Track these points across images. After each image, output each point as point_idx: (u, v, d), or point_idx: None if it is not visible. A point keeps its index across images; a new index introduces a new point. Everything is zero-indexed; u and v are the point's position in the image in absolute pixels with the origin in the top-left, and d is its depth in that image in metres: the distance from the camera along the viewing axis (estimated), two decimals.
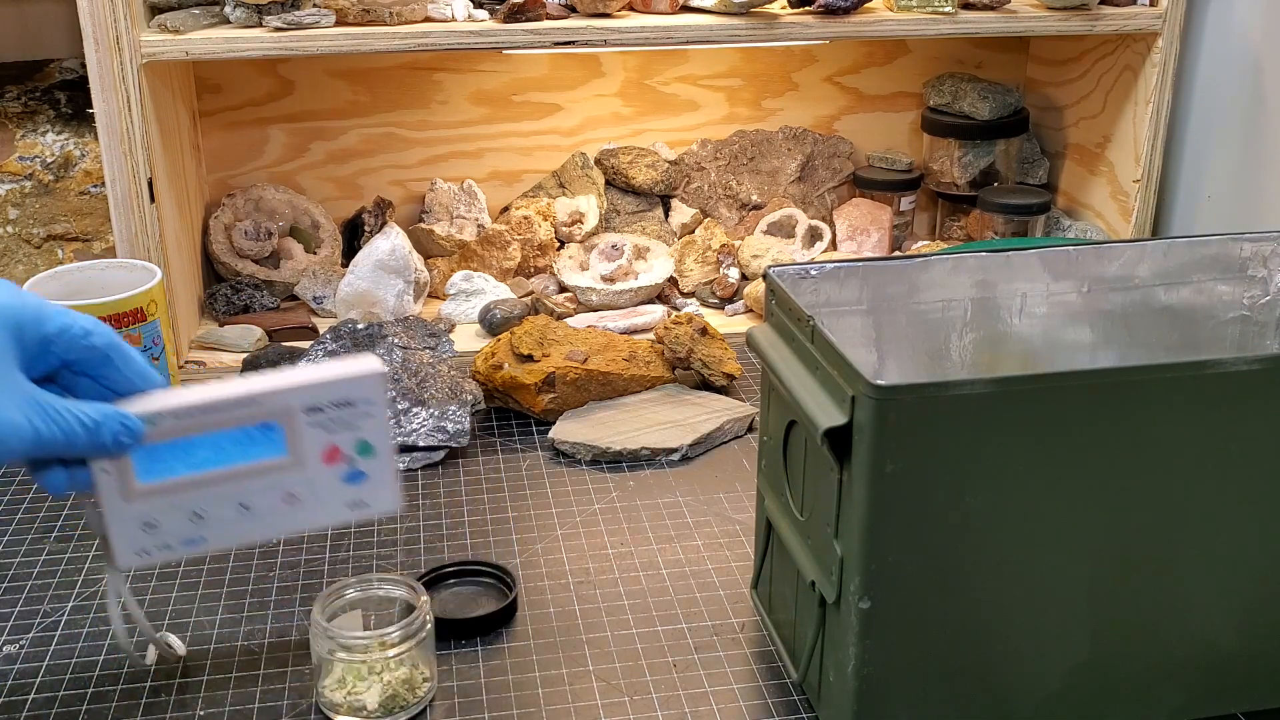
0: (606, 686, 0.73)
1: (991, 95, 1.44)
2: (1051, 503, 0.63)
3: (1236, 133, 1.28)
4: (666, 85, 1.46)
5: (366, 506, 0.68)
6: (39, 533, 0.89)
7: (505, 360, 1.04)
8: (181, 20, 1.11)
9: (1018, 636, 0.65)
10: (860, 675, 0.64)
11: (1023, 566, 0.64)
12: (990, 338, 0.79)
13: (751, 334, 0.73)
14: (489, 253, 1.34)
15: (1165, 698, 0.69)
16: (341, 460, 0.67)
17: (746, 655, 0.76)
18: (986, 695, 0.66)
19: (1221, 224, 1.30)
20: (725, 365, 1.08)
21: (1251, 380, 0.62)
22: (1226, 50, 1.28)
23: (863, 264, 0.76)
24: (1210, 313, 0.81)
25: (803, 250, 1.39)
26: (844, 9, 1.20)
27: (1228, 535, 0.66)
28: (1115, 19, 1.25)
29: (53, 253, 1.23)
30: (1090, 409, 0.61)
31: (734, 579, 0.84)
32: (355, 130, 1.40)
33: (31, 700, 0.72)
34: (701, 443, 1.01)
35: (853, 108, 1.52)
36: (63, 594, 0.82)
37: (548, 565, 0.86)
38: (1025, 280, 0.78)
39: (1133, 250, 0.80)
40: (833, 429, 0.61)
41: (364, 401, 0.66)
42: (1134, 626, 0.66)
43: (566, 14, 1.18)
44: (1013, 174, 1.48)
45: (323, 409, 0.65)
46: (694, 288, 1.35)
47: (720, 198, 1.46)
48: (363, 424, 0.66)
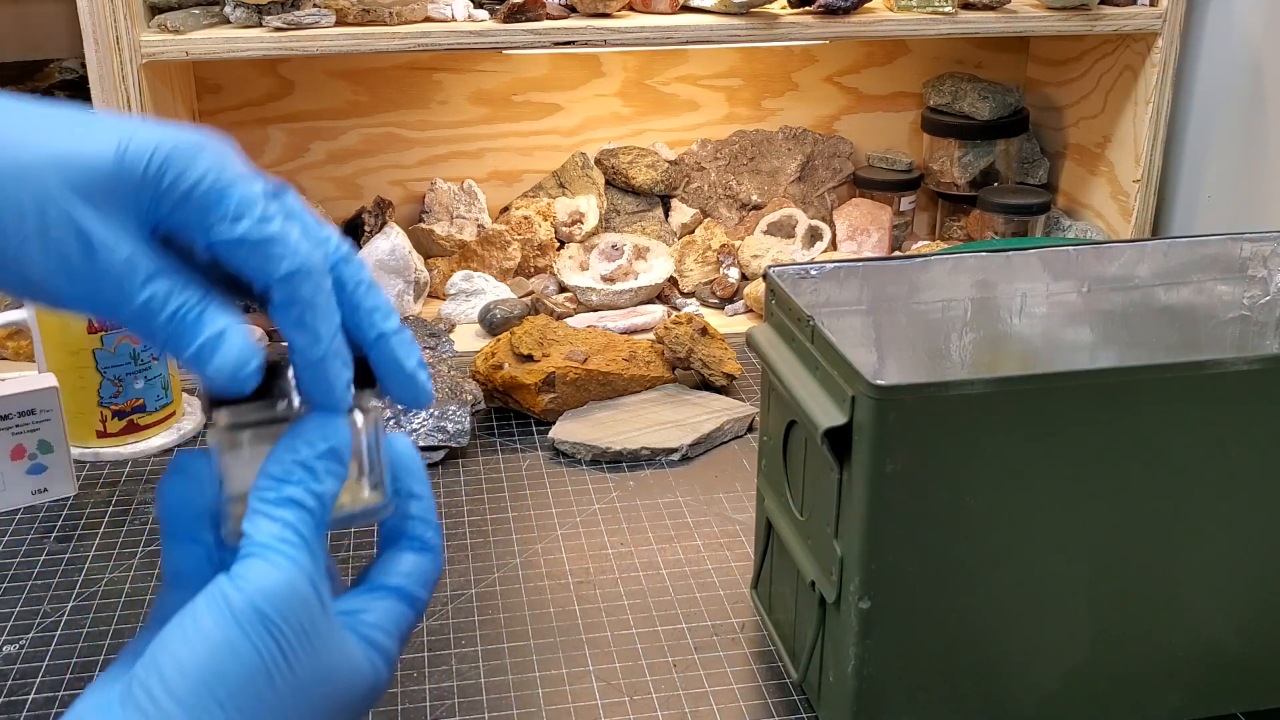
0: (606, 686, 0.73)
1: (991, 95, 1.44)
2: (1051, 503, 0.63)
3: (1236, 133, 1.28)
4: (666, 85, 1.46)
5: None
6: (40, 533, 0.89)
7: (505, 360, 1.04)
8: (181, 20, 1.11)
9: (1018, 636, 0.65)
10: (860, 675, 0.64)
11: (1023, 566, 0.64)
12: (990, 338, 0.79)
13: (751, 334, 0.73)
14: (489, 253, 1.34)
15: (1165, 698, 0.69)
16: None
17: (746, 655, 0.76)
18: (986, 695, 0.66)
19: (1221, 224, 1.30)
20: (725, 365, 1.08)
21: (1251, 380, 0.62)
22: (1226, 50, 1.28)
23: (863, 264, 0.76)
24: (1210, 313, 0.81)
25: (803, 250, 1.39)
26: (844, 9, 1.20)
27: (1228, 535, 0.66)
28: (1115, 19, 1.25)
29: None
30: (1090, 409, 0.61)
31: (734, 579, 0.84)
32: (355, 130, 1.40)
33: (31, 700, 0.72)
34: (701, 443, 1.01)
35: (853, 108, 1.52)
36: (63, 594, 0.82)
37: (548, 565, 0.86)
38: (1025, 280, 0.78)
39: (1133, 250, 0.80)
40: (833, 429, 0.61)
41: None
42: (1134, 626, 0.66)
43: (566, 14, 1.18)
44: (1013, 174, 1.48)
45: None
46: (694, 288, 1.35)
47: (720, 198, 1.46)
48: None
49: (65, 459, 0.93)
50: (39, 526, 0.90)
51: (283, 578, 0.42)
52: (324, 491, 0.45)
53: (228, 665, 0.41)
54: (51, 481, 0.93)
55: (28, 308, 0.96)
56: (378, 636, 0.47)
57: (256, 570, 0.42)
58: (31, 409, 0.91)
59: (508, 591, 0.83)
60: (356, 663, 0.45)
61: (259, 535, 0.43)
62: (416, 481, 0.51)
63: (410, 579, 0.49)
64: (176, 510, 0.47)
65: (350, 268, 0.47)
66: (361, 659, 0.46)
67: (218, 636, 0.41)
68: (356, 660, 0.45)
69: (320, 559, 0.44)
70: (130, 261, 0.42)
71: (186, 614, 0.42)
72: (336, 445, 0.45)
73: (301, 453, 0.45)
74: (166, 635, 0.42)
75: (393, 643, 0.48)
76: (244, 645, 0.41)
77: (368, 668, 0.46)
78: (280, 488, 0.44)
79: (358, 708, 0.46)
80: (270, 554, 0.43)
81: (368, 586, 0.49)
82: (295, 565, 0.43)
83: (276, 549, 0.43)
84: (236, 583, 0.42)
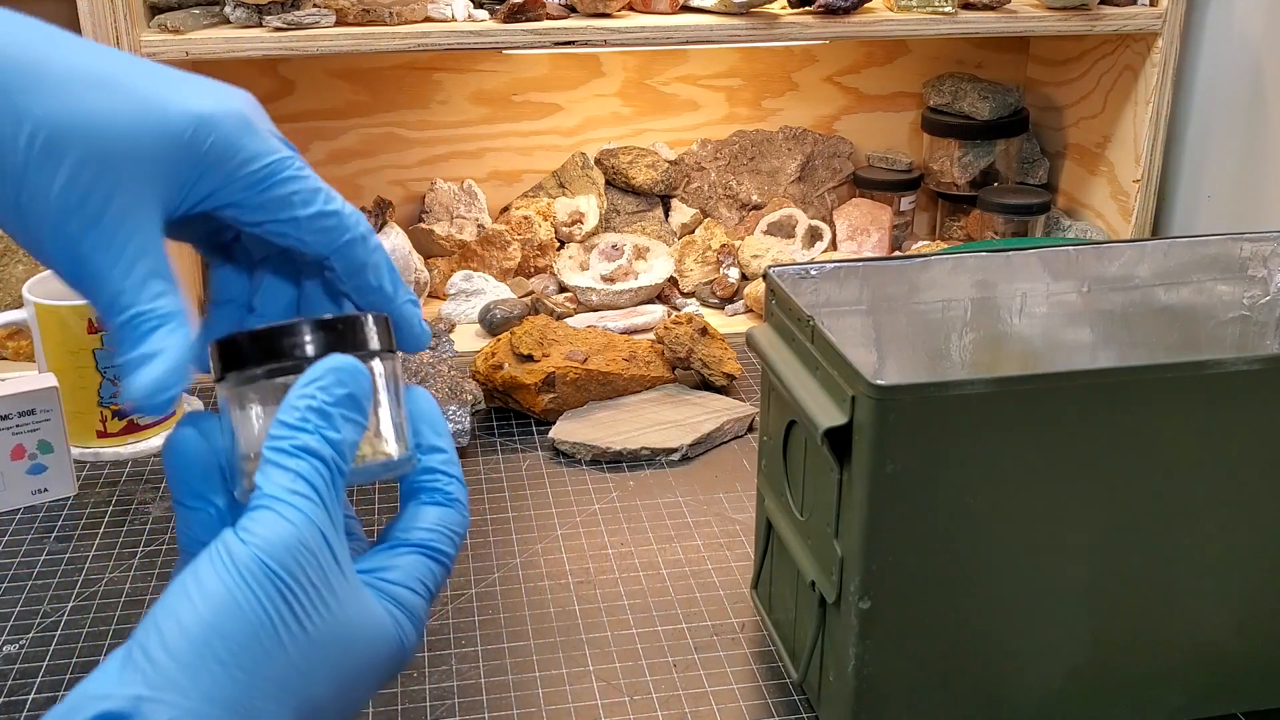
0: (606, 686, 0.73)
1: (991, 95, 1.44)
2: (1051, 503, 0.63)
3: (1237, 132, 1.28)
4: (666, 85, 1.46)
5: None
6: (40, 533, 0.89)
7: (505, 360, 1.04)
8: (181, 20, 1.11)
9: (1018, 636, 0.65)
10: (860, 675, 0.64)
11: (1023, 566, 0.64)
12: (990, 338, 0.79)
13: (751, 334, 0.73)
14: (489, 253, 1.34)
15: (1165, 698, 0.69)
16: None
17: (746, 655, 0.76)
18: (986, 695, 0.66)
19: (1222, 224, 1.30)
20: (725, 365, 1.08)
21: (1252, 380, 0.62)
22: (1227, 50, 1.28)
23: (863, 264, 0.76)
24: (1210, 313, 0.81)
25: (803, 250, 1.39)
26: (844, 9, 1.20)
27: (1228, 535, 0.65)
28: (1115, 19, 1.25)
29: None
30: (1090, 409, 0.61)
31: (734, 579, 0.84)
32: (355, 130, 1.40)
33: (31, 700, 0.72)
34: (701, 443, 1.01)
35: (853, 108, 1.52)
36: (63, 594, 0.82)
37: (548, 565, 0.86)
38: (1025, 280, 0.78)
39: (1133, 250, 0.80)
40: (833, 429, 0.61)
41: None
42: (1134, 626, 0.66)
43: (566, 14, 1.18)
44: (1013, 174, 1.48)
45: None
46: (694, 288, 1.35)
47: (720, 198, 1.46)
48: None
49: (65, 459, 0.93)
50: (39, 526, 0.90)
51: (291, 530, 0.40)
52: (341, 440, 0.43)
53: (229, 622, 0.39)
54: (51, 481, 0.93)
55: (28, 307, 0.96)
56: (403, 594, 0.45)
57: (264, 522, 0.40)
58: (31, 409, 0.91)
59: (508, 591, 0.83)
60: (379, 622, 0.43)
61: (269, 486, 0.41)
62: (437, 435, 0.49)
63: (435, 533, 0.47)
64: (185, 469, 0.45)
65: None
66: (385, 618, 0.43)
67: (219, 592, 0.39)
68: (379, 619, 0.43)
69: (336, 512, 0.42)
70: (130, 245, 0.42)
71: (189, 571, 0.40)
72: (354, 391, 0.43)
73: (317, 399, 0.42)
74: (168, 594, 0.40)
75: (420, 600, 0.45)
76: (247, 600, 0.39)
77: (392, 627, 0.44)
78: (294, 435, 0.42)
79: (384, 669, 0.44)
80: (280, 505, 0.41)
81: (390, 543, 0.47)
82: (306, 517, 0.41)
83: (286, 500, 0.41)
84: (241, 535, 0.40)
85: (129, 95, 0.42)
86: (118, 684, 0.38)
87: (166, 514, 0.92)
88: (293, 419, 0.42)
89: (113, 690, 0.38)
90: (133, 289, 0.42)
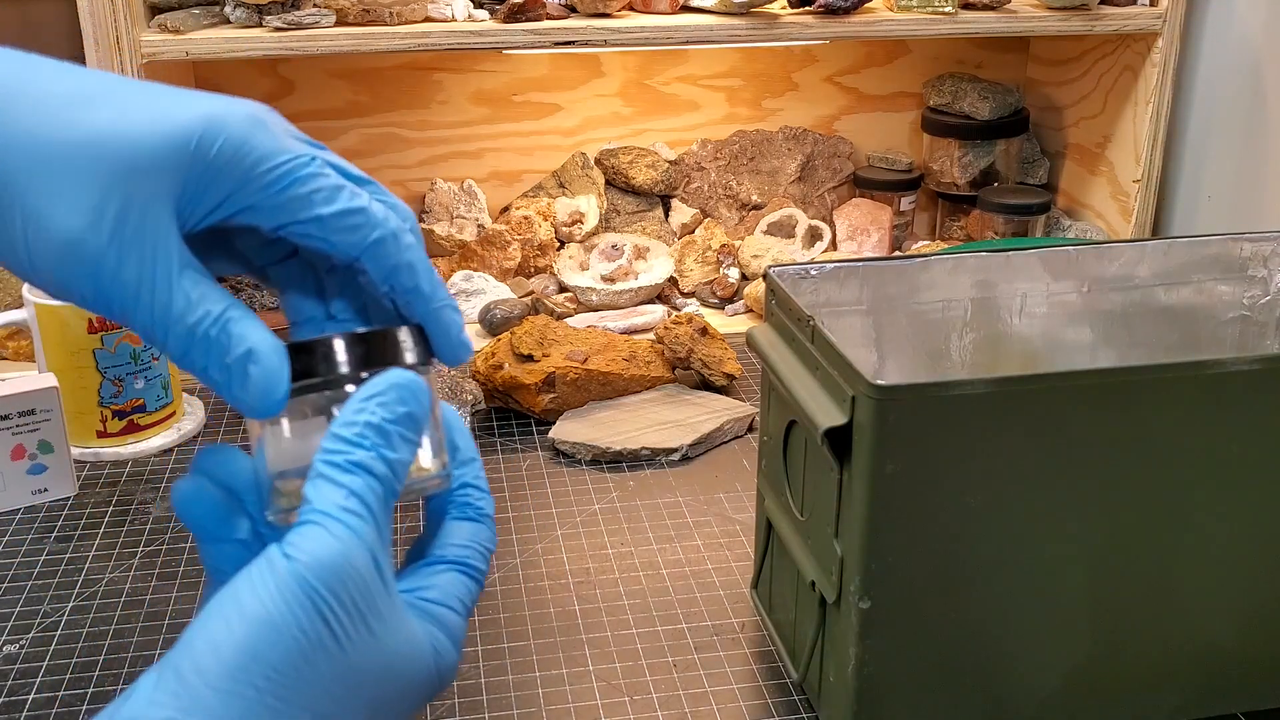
0: (606, 686, 0.73)
1: (992, 95, 1.44)
2: (1051, 503, 0.63)
3: (1237, 132, 1.28)
4: (666, 85, 1.46)
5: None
6: (40, 533, 0.89)
7: (505, 360, 1.04)
8: (181, 20, 1.11)
9: (1018, 636, 0.65)
10: (860, 675, 0.64)
11: (1023, 566, 0.64)
12: (990, 338, 0.79)
13: (751, 334, 0.73)
14: (489, 253, 1.34)
15: (1165, 698, 0.69)
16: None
17: (746, 655, 0.76)
18: (986, 695, 0.66)
19: (1222, 224, 1.30)
20: (725, 365, 1.08)
21: (1252, 380, 0.62)
22: (1227, 50, 1.28)
23: (863, 264, 0.76)
24: (1210, 313, 0.81)
25: (803, 250, 1.39)
26: (844, 9, 1.20)
27: (1228, 535, 0.65)
28: (1115, 19, 1.25)
29: None
30: (1090, 409, 0.61)
31: (734, 579, 0.84)
32: (355, 130, 1.40)
33: (32, 700, 0.72)
34: (701, 443, 1.01)
35: (853, 108, 1.52)
36: (63, 594, 0.82)
37: (548, 565, 0.86)
38: (1025, 280, 0.78)
39: (1133, 250, 0.80)
40: (833, 429, 0.61)
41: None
42: (1134, 626, 0.66)
43: (566, 14, 1.18)
44: (1013, 174, 1.48)
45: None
46: (694, 288, 1.35)
47: (720, 198, 1.46)
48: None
49: (65, 459, 0.93)
50: (39, 526, 0.90)
51: (339, 549, 0.38)
52: (397, 459, 0.40)
53: (267, 645, 0.37)
54: (51, 481, 0.93)
55: (28, 307, 0.96)
56: (443, 614, 0.43)
57: (312, 538, 0.38)
58: (31, 409, 0.91)
59: (508, 591, 0.83)
60: (420, 647, 0.41)
61: (319, 501, 0.39)
62: (466, 449, 0.48)
63: (470, 550, 0.46)
64: (199, 520, 0.43)
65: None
66: (425, 642, 0.41)
67: (258, 612, 0.37)
68: (419, 645, 0.41)
69: (386, 533, 0.40)
70: (164, 259, 0.39)
71: (228, 588, 0.38)
72: (414, 411, 0.41)
73: (377, 415, 0.40)
74: (206, 613, 0.38)
75: (459, 619, 0.44)
76: (286, 622, 0.37)
77: (430, 652, 0.42)
78: (350, 451, 0.40)
79: (421, 694, 0.42)
80: (330, 522, 0.38)
81: (425, 561, 0.45)
82: (356, 536, 0.38)
83: (337, 517, 0.38)
84: (287, 550, 0.38)
85: (124, 108, 0.39)
86: (148, 705, 0.36)
87: (166, 514, 0.92)
88: (350, 434, 0.40)
89: (143, 713, 0.36)
90: (187, 295, 0.39)
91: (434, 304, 0.45)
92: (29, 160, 0.38)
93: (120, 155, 0.38)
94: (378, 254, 0.43)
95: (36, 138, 0.38)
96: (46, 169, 0.38)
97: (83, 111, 0.39)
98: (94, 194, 0.38)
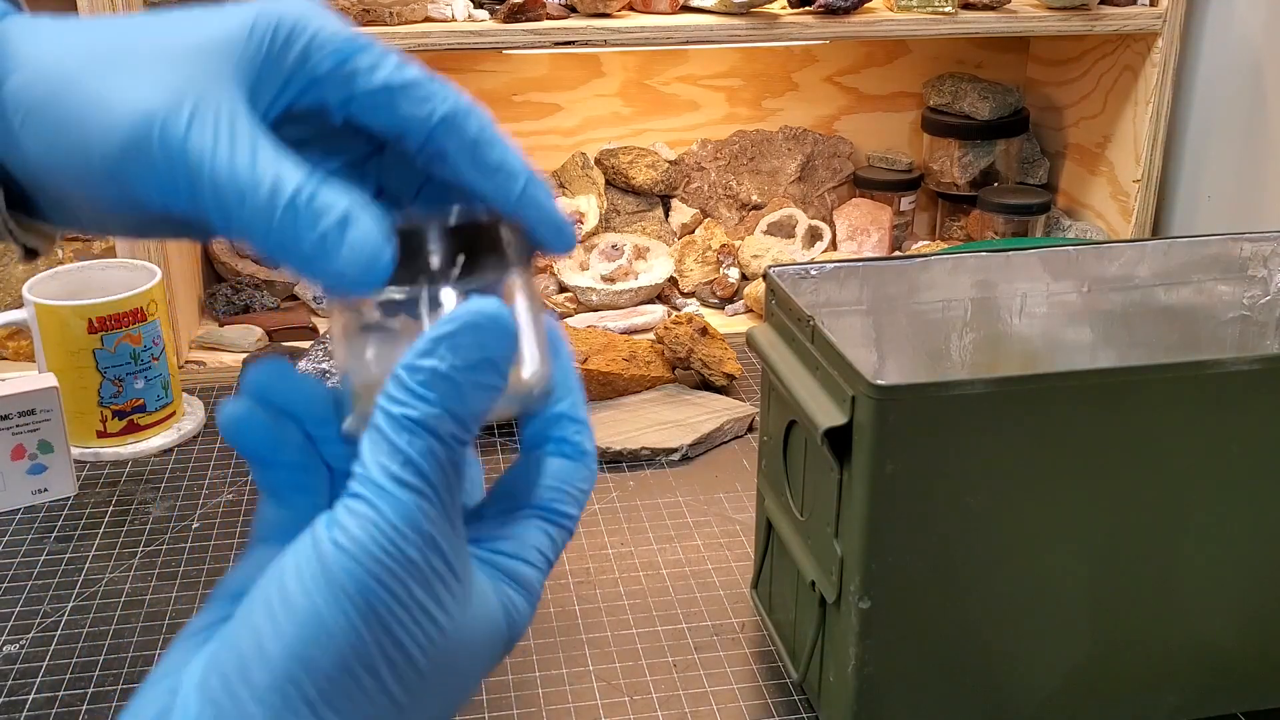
0: (606, 686, 0.73)
1: (992, 95, 1.44)
2: (1051, 503, 0.63)
3: (1236, 132, 1.28)
4: (666, 85, 1.46)
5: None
6: (40, 533, 0.89)
7: None
8: None
9: (1018, 636, 0.65)
10: (860, 675, 0.64)
11: (1023, 566, 0.64)
12: (990, 338, 0.79)
13: (751, 334, 0.73)
14: None
15: (1165, 698, 0.69)
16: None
17: (746, 655, 0.76)
18: (986, 695, 0.66)
19: (1221, 224, 1.30)
20: (725, 365, 1.08)
21: (1252, 380, 0.62)
22: (1226, 50, 1.28)
23: (863, 264, 0.76)
24: (1210, 313, 0.81)
25: (803, 250, 1.39)
26: (844, 9, 1.20)
27: (1228, 535, 0.65)
28: (1115, 19, 1.25)
29: (53, 253, 1.22)
30: (1090, 409, 0.61)
31: (734, 579, 0.84)
32: None
33: (31, 700, 0.72)
34: (701, 443, 1.01)
35: (853, 108, 1.52)
36: (63, 594, 0.82)
37: None
38: (1025, 280, 0.78)
39: (1133, 250, 0.80)
40: (833, 429, 0.61)
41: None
42: (1134, 626, 0.66)
43: (566, 14, 1.18)
44: (1013, 174, 1.48)
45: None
46: (694, 288, 1.35)
47: (720, 198, 1.46)
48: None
49: (65, 459, 0.93)
50: (39, 527, 0.90)
51: (392, 532, 0.32)
52: (469, 414, 0.34)
53: (319, 651, 0.32)
54: (51, 481, 0.93)
55: (28, 307, 0.96)
56: (519, 569, 0.38)
57: (361, 517, 0.32)
58: (31, 409, 0.91)
59: None
60: (491, 618, 0.36)
61: (369, 466, 0.33)
62: (562, 371, 0.41)
63: (558, 492, 0.40)
64: (249, 446, 0.38)
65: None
66: (496, 610, 0.36)
67: (306, 609, 0.32)
68: (491, 616, 0.36)
69: (454, 503, 0.34)
70: (242, 130, 0.34)
71: (273, 573, 0.33)
72: (493, 355, 0.34)
73: (446, 361, 0.33)
74: (252, 601, 0.33)
75: (537, 574, 0.38)
76: (339, 624, 0.32)
77: (501, 618, 0.36)
78: (410, 405, 0.33)
79: (491, 660, 0.37)
80: (382, 496, 0.32)
81: (506, 506, 0.40)
82: (412, 513, 0.32)
83: (388, 490, 0.32)
84: (334, 533, 0.32)
85: (174, 17, 0.36)
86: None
87: (166, 514, 0.92)
88: (413, 382, 0.33)
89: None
90: (269, 164, 0.34)
91: (525, 183, 0.38)
92: (90, 60, 0.35)
93: (186, 42, 0.35)
94: (455, 126, 0.37)
95: (95, 41, 0.35)
96: (111, 60, 0.35)
97: (135, 23, 0.37)
98: (164, 73, 0.34)
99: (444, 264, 0.35)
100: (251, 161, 0.34)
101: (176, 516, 0.91)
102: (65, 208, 0.38)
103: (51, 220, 0.39)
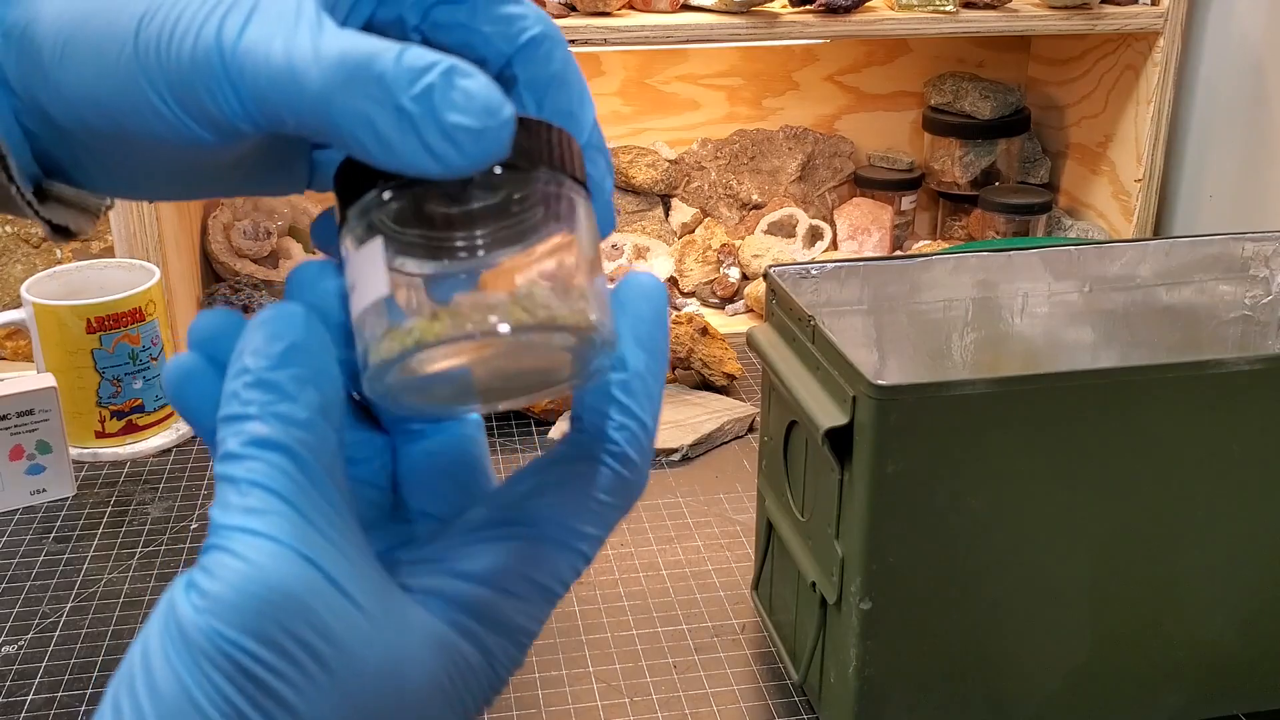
0: (606, 687, 0.73)
1: (993, 94, 1.44)
2: (1053, 503, 0.62)
3: (1238, 132, 1.28)
4: (667, 84, 1.45)
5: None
6: (38, 533, 0.89)
7: None
8: None
9: (1019, 637, 0.65)
10: (861, 676, 0.64)
11: (1024, 567, 0.63)
12: (991, 337, 0.79)
13: (752, 334, 0.73)
14: None
15: (1166, 698, 0.69)
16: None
17: (747, 656, 0.76)
18: (987, 696, 0.66)
19: (1223, 223, 1.30)
20: (725, 365, 1.08)
21: (1253, 380, 0.62)
22: (1228, 49, 1.28)
23: (863, 264, 0.76)
24: (1212, 312, 0.81)
25: (803, 250, 1.39)
26: (845, 8, 1.20)
27: (1229, 535, 0.65)
28: (1117, 18, 1.25)
29: (51, 252, 1.22)
30: (1092, 409, 0.61)
31: (734, 579, 0.84)
32: None
33: (31, 700, 0.72)
34: (701, 443, 1.01)
35: (853, 107, 1.51)
36: (61, 594, 0.82)
37: None
38: (1027, 280, 0.78)
39: (1134, 250, 0.79)
40: (833, 429, 0.60)
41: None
42: (1135, 627, 0.66)
43: (566, 13, 1.18)
44: (1014, 173, 1.48)
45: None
46: (694, 288, 1.35)
47: (720, 197, 1.46)
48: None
49: (64, 459, 0.93)
50: (38, 527, 0.90)
51: (255, 577, 0.27)
52: (298, 409, 0.29)
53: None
54: (50, 482, 0.93)
55: (26, 307, 0.96)
56: (481, 597, 0.31)
57: (221, 569, 0.28)
58: (30, 409, 0.91)
59: None
60: (419, 658, 0.30)
61: (217, 510, 0.28)
62: (632, 345, 0.32)
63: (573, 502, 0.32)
64: (194, 408, 0.32)
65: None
66: (428, 650, 0.30)
67: (171, 689, 0.27)
68: (417, 655, 0.30)
69: (327, 511, 0.29)
70: (327, 25, 0.28)
71: (137, 643, 0.28)
72: (295, 340, 0.29)
73: (251, 368, 0.29)
74: (119, 673, 0.28)
75: (517, 604, 0.31)
76: (211, 698, 0.27)
77: (445, 660, 0.30)
78: (237, 426, 0.29)
79: (437, 713, 0.30)
80: (236, 539, 0.28)
81: (499, 515, 0.32)
82: (276, 547, 0.28)
83: (241, 528, 0.28)
84: (192, 597, 0.28)
85: None
86: None
87: (166, 514, 0.91)
88: (233, 408, 0.29)
89: None
90: (350, 32, 0.28)
91: (588, 146, 0.33)
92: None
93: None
94: (534, 56, 0.32)
95: None
96: None
97: None
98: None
99: (549, 155, 0.30)
100: (336, 34, 0.28)
101: (175, 517, 0.91)
102: (108, 162, 0.33)
103: (91, 186, 0.34)
